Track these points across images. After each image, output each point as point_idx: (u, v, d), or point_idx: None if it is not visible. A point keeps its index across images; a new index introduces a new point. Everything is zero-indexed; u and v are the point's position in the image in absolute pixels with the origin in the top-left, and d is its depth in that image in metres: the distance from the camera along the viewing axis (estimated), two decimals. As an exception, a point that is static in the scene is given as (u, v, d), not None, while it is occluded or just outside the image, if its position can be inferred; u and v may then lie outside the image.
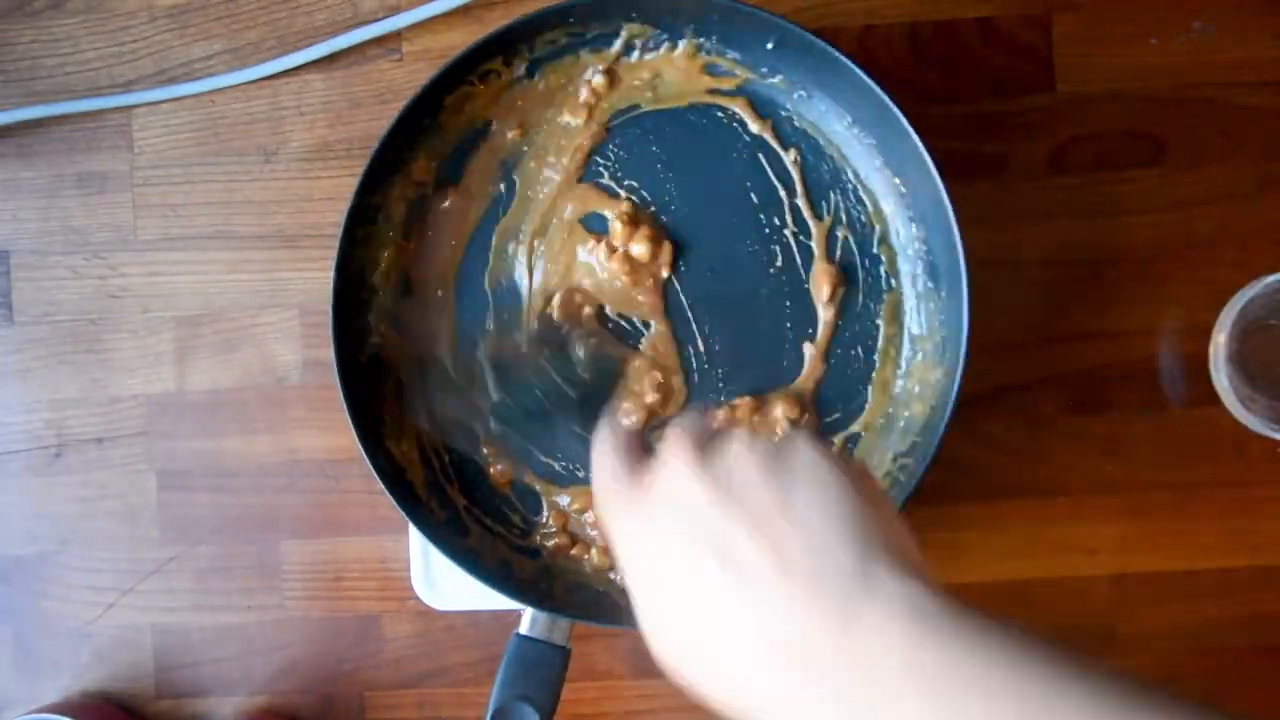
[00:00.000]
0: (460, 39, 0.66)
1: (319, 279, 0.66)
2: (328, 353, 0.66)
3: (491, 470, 0.62)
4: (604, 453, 0.43)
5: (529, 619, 0.55)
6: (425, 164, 0.61)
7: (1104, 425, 0.64)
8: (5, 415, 0.67)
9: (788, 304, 0.61)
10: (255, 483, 0.66)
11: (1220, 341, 0.61)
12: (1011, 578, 0.64)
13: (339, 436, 0.66)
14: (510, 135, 0.62)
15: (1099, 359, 0.64)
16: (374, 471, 0.57)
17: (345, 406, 0.57)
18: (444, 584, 0.63)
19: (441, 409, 0.58)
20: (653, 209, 0.62)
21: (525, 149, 0.62)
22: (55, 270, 0.67)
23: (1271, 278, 0.59)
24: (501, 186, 0.62)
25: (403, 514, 0.57)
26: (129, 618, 0.66)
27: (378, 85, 0.66)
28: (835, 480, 0.37)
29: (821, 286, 0.61)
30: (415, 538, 0.63)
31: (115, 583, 0.66)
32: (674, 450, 0.39)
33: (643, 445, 0.43)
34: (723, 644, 0.36)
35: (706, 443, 0.39)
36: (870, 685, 0.33)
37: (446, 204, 0.62)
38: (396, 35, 0.66)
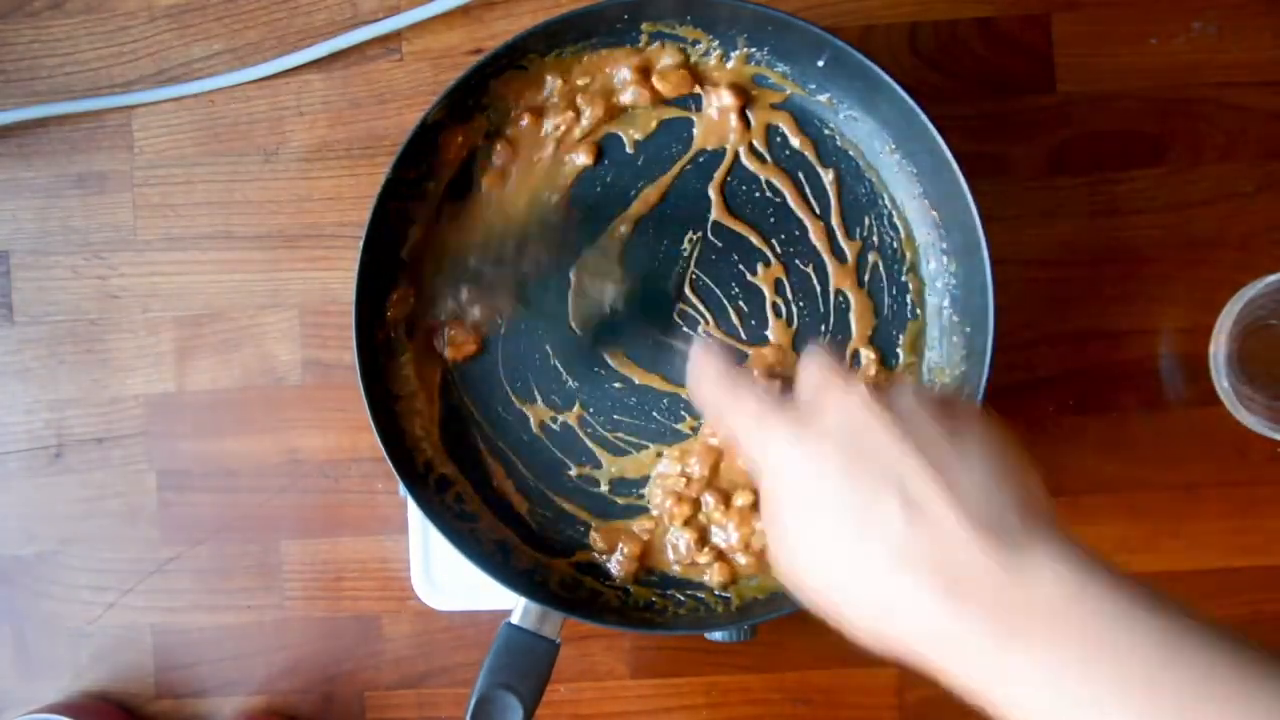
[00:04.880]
0: (460, 40, 0.66)
1: (319, 279, 0.66)
2: (327, 353, 0.66)
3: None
4: (730, 374, 0.45)
5: (521, 609, 0.55)
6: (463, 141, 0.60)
7: (1104, 425, 0.64)
8: (5, 415, 0.67)
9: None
10: (255, 483, 0.66)
11: (1220, 341, 0.61)
12: (1011, 578, 0.64)
13: (339, 436, 0.66)
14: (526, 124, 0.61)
15: (1099, 359, 0.64)
16: (377, 436, 0.56)
17: (357, 366, 0.56)
18: (444, 584, 0.63)
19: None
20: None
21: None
22: (55, 270, 0.67)
23: (1271, 278, 0.59)
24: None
25: (401, 485, 0.56)
26: (129, 618, 0.66)
27: (378, 85, 0.66)
28: (999, 439, 0.41)
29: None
30: (415, 537, 0.63)
31: (115, 583, 0.66)
32: (849, 384, 0.41)
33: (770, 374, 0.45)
34: (881, 569, 0.38)
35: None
36: (1030, 618, 0.36)
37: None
38: (396, 35, 0.66)
